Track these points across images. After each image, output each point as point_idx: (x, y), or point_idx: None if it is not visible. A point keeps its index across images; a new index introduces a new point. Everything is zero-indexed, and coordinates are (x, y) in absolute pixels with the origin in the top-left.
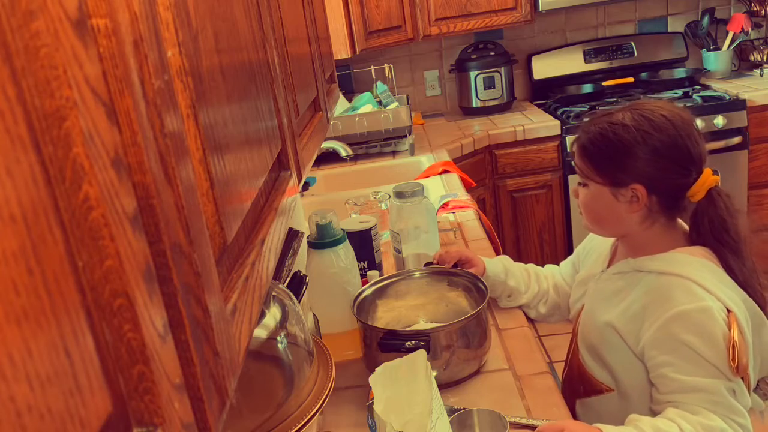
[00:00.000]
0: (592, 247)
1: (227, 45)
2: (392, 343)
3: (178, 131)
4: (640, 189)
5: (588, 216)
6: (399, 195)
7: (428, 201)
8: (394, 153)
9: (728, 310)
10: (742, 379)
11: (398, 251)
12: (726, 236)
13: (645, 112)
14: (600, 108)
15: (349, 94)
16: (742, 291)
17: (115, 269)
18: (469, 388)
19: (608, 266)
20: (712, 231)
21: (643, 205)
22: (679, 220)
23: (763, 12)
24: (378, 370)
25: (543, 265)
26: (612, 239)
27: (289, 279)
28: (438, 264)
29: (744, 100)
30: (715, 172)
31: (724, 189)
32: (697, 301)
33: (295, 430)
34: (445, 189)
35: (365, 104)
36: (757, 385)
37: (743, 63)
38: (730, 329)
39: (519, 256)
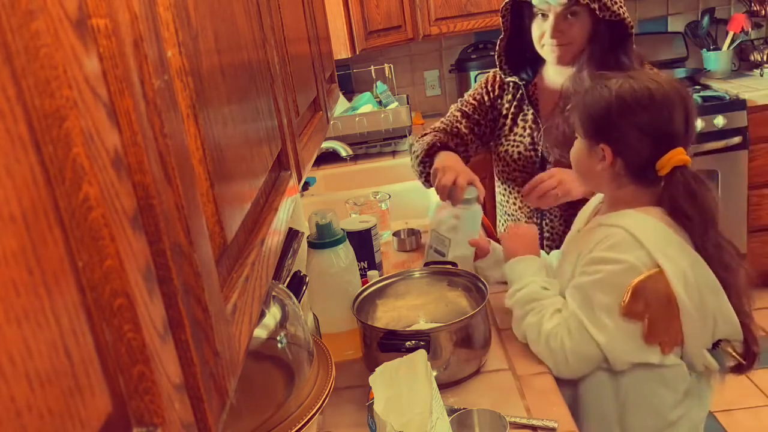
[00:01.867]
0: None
1: (227, 45)
2: (392, 343)
3: (178, 131)
4: (606, 150)
5: (574, 168)
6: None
7: (479, 207)
8: (394, 153)
9: (656, 266)
10: (650, 335)
11: (441, 253)
12: (689, 206)
13: (634, 82)
14: None
15: (349, 94)
16: (696, 256)
17: (115, 269)
18: (469, 388)
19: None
20: (676, 202)
21: (608, 165)
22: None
23: (763, 12)
24: (378, 370)
25: None
26: (593, 203)
27: (289, 279)
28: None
29: (744, 100)
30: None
31: (725, 188)
32: (620, 252)
33: (295, 430)
34: None
35: (365, 104)
36: (715, 346)
37: (743, 63)
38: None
39: None
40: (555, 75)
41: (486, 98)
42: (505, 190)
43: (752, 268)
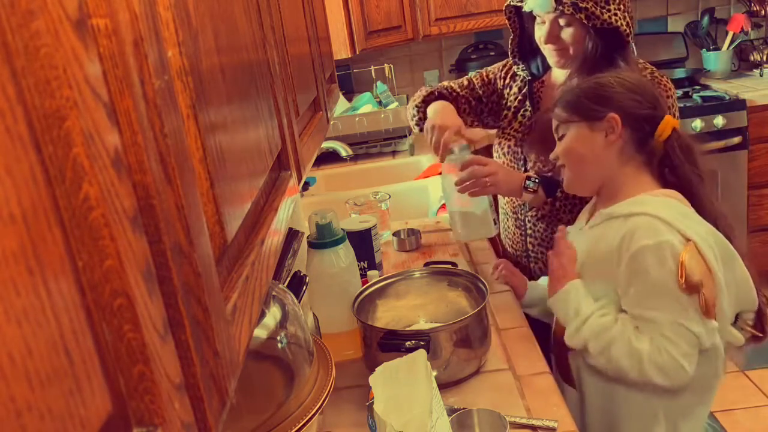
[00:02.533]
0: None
1: (227, 45)
2: (392, 343)
3: (178, 131)
4: (615, 118)
5: (569, 162)
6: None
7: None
8: (394, 153)
9: (687, 240)
10: (707, 310)
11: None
12: (693, 167)
13: (618, 71)
14: None
15: (349, 94)
16: (710, 226)
17: (115, 269)
18: (469, 388)
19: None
20: (680, 167)
21: (618, 136)
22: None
23: (763, 12)
24: (378, 370)
25: None
26: (590, 203)
27: (289, 279)
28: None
29: (744, 100)
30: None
31: (725, 188)
32: (657, 236)
33: (295, 430)
34: None
35: (365, 104)
36: (735, 320)
37: (743, 63)
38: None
39: None
40: (559, 75)
41: (498, 82)
42: None
43: (752, 268)
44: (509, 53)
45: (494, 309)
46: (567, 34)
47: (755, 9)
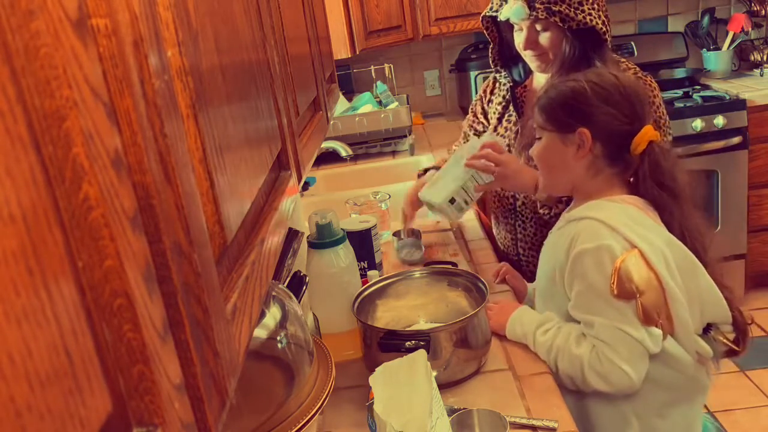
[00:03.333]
0: None
1: (227, 45)
2: (392, 343)
3: (178, 131)
4: (585, 133)
5: (541, 167)
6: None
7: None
8: (394, 153)
9: (633, 246)
10: (646, 317)
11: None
12: (663, 179)
13: (598, 73)
14: None
15: (349, 94)
16: (672, 237)
17: (115, 269)
18: (469, 388)
19: None
20: (651, 176)
21: (588, 150)
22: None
23: (763, 12)
24: (378, 370)
25: None
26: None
27: (289, 279)
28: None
29: (744, 100)
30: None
31: (725, 188)
32: (598, 240)
33: (295, 430)
34: None
35: (365, 104)
36: (708, 331)
37: (743, 63)
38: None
39: None
40: (542, 79)
41: (480, 108)
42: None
43: (752, 268)
44: (491, 62)
45: None
46: (545, 38)
47: (755, 9)
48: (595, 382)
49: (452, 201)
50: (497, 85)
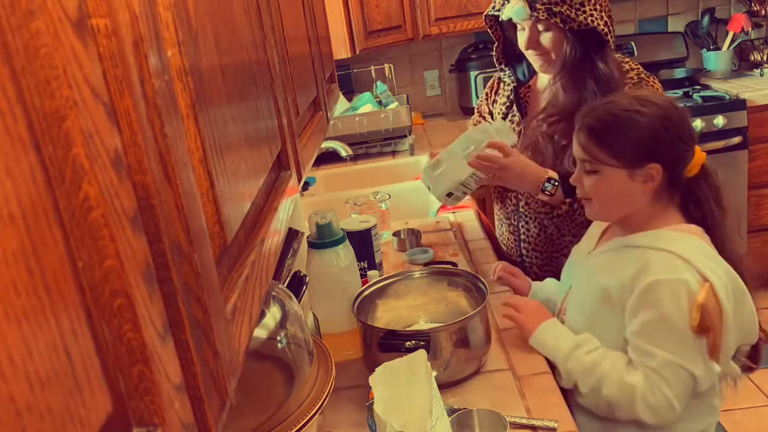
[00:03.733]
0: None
1: (227, 45)
2: (392, 343)
3: (178, 131)
4: (656, 169)
5: (601, 202)
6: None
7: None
8: (394, 153)
9: (705, 280)
10: (713, 352)
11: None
12: (717, 207)
13: (644, 96)
14: None
15: (349, 94)
16: (726, 264)
17: (115, 269)
18: (469, 388)
19: (596, 246)
20: (705, 203)
21: (657, 183)
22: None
23: (763, 12)
24: (378, 370)
25: None
26: (602, 225)
27: (289, 279)
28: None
29: (744, 100)
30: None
31: (725, 188)
32: (675, 273)
33: (295, 430)
34: None
35: (365, 104)
36: (735, 353)
37: (743, 63)
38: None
39: None
40: (545, 79)
41: (486, 108)
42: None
43: (752, 268)
44: (495, 61)
45: (494, 309)
46: (546, 38)
47: (755, 9)
48: (643, 413)
49: (449, 195)
50: (501, 85)
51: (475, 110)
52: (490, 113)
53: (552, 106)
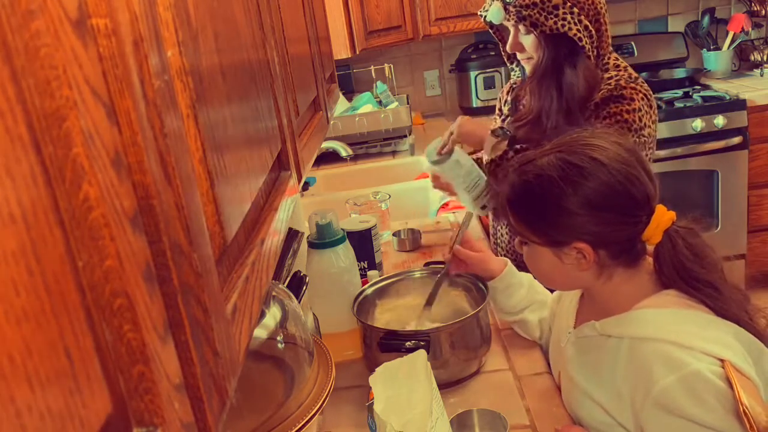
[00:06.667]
0: None
1: (227, 45)
2: (392, 343)
3: (178, 131)
4: (583, 247)
5: (537, 276)
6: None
7: (451, 160)
8: (394, 153)
9: (721, 361)
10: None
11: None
12: (694, 281)
13: (572, 156)
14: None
15: (349, 94)
16: (731, 325)
17: (115, 269)
18: (469, 388)
19: (575, 322)
20: (678, 276)
21: (592, 263)
22: (647, 258)
23: (763, 12)
24: (378, 370)
25: None
26: (576, 291)
27: (289, 279)
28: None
29: (744, 100)
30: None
31: (725, 188)
32: (679, 369)
33: (295, 430)
34: None
35: (365, 104)
36: None
37: (743, 63)
38: (731, 386)
39: None
40: None
41: (498, 108)
42: None
43: (752, 268)
44: (505, 59)
45: (494, 309)
46: (527, 42)
47: (755, 9)
48: None
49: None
50: (512, 86)
51: (496, 108)
52: (500, 111)
53: (520, 110)
